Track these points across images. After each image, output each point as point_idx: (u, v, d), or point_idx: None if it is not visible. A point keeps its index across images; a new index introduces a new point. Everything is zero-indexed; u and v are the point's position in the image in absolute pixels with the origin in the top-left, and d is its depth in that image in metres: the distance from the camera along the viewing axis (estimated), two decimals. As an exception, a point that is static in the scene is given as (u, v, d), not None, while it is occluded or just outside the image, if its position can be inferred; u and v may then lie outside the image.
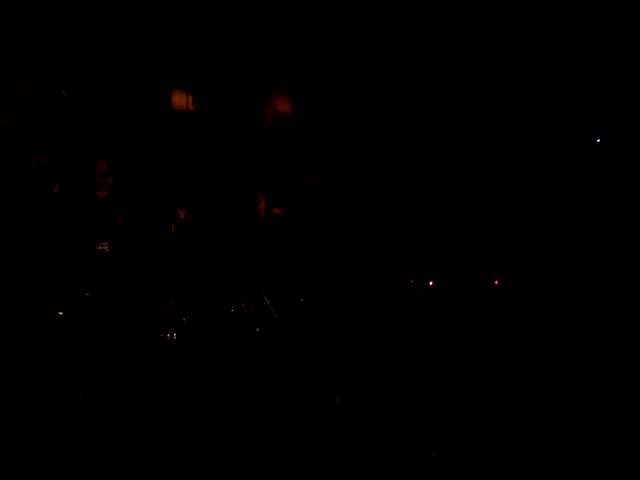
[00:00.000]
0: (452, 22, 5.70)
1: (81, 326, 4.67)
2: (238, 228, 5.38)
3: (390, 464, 3.65)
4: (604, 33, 5.45)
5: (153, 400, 4.43)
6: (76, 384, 4.40)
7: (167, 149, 5.43)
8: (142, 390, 4.49)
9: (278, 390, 4.49)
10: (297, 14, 5.75)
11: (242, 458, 3.80)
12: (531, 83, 5.60)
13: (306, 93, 5.94)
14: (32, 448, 3.79)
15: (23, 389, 4.22)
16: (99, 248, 4.74)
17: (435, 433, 3.92)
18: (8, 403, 4.10)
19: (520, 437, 3.85)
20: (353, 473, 3.60)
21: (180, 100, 5.57)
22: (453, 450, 3.74)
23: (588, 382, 4.45)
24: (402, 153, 5.54)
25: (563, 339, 4.93)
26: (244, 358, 4.78)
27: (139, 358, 4.68)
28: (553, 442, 3.79)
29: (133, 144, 5.31)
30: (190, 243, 5.23)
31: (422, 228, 5.20)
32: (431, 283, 4.84)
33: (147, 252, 5.02)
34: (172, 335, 4.87)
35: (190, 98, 5.60)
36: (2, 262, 4.57)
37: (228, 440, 4.02)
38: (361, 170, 5.44)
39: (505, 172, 5.58)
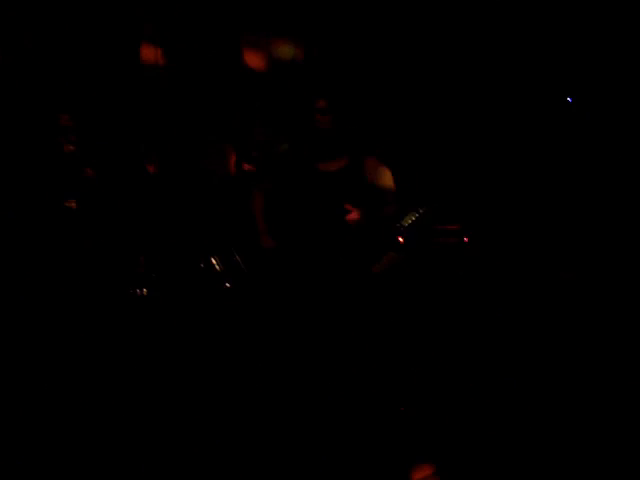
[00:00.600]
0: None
1: (51, 282, 4.66)
2: (208, 182, 5.35)
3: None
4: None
5: (125, 355, 4.45)
6: (46, 342, 4.40)
7: (136, 103, 5.37)
8: (113, 346, 4.51)
9: (250, 349, 4.51)
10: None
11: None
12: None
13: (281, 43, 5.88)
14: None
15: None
16: (67, 205, 4.71)
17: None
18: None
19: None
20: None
21: (149, 53, 5.50)
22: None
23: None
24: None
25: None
26: (214, 313, 4.79)
27: (109, 313, 4.68)
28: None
29: (100, 97, 5.25)
30: (159, 198, 5.19)
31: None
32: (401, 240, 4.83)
33: (116, 207, 4.99)
34: (142, 290, 4.87)
35: (160, 51, 5.53)
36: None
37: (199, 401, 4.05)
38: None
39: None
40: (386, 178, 4.44)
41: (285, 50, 5.76)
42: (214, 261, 4.97)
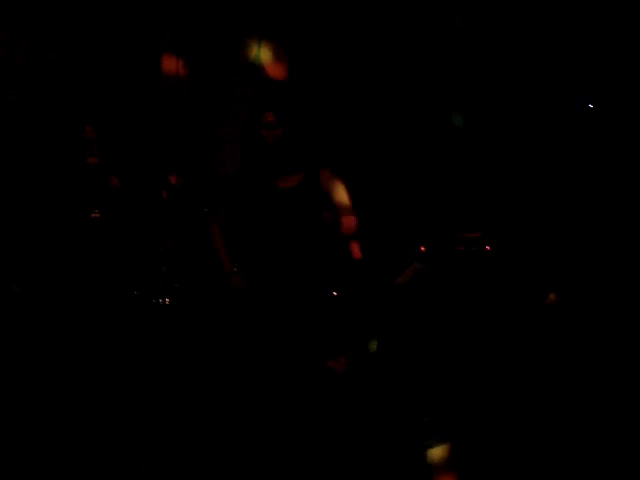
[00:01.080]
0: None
1: (74, 292, 4.68)
2: (229, 192, 5.35)
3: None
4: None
5: (148, 365, 4.47)
6: (69, 351, 4.43)
7: (157, 114, 5.40)
8: (136, 356, 4.53)
9: (270, 356, 4.50)
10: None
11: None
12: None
13: (299, 54, 5.90)
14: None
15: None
16: (92, 215, 4.74)
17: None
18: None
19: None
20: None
21: (170, 64, 5.53)
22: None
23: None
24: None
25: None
26: (236, 322, 4.80)
27: (134, 323, 4.71)
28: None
29: (123, 109, 5.28)
30: (182, 208, 5.22)
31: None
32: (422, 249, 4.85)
33: (139, 218, 5.01)
34: (165, 300, 4.89)
35: (180, 62, 5.56)
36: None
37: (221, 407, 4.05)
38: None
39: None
40: (340, 190, 4.24)
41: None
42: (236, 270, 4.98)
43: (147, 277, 4.92)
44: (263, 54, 5.75)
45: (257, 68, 5.82)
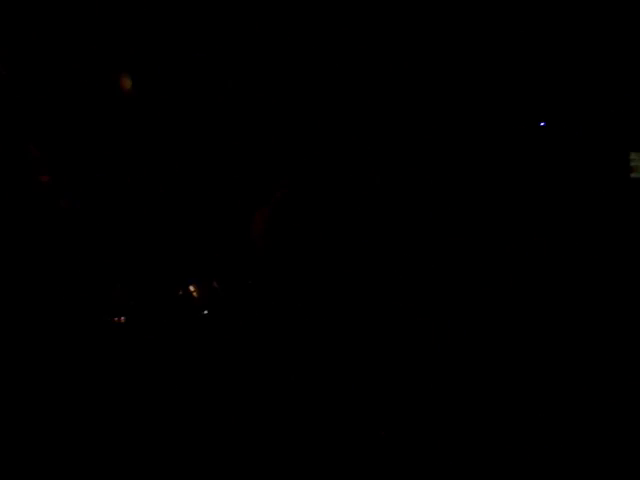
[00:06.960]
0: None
1: (26, 310, 4.65)
2: (184, 206, 5.34)
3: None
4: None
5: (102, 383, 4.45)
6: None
7: (110, 128, 5.35)
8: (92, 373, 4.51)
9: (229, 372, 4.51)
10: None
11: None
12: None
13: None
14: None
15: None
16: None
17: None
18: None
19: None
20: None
21: (125, 82, 5.47)
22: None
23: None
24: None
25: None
26: (192, 340, 4.80)
27: (87, 342, 4.68)
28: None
29: (74, 124, 5.22)
30: (137, 224, 5.19)
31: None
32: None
33: (93, 233, 4.99)
34: (120, 318, 4.87)
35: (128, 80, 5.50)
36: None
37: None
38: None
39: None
40: None
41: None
42: (192, 289, 4.99)
43: (101, 294, 4.90)
44: None
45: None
